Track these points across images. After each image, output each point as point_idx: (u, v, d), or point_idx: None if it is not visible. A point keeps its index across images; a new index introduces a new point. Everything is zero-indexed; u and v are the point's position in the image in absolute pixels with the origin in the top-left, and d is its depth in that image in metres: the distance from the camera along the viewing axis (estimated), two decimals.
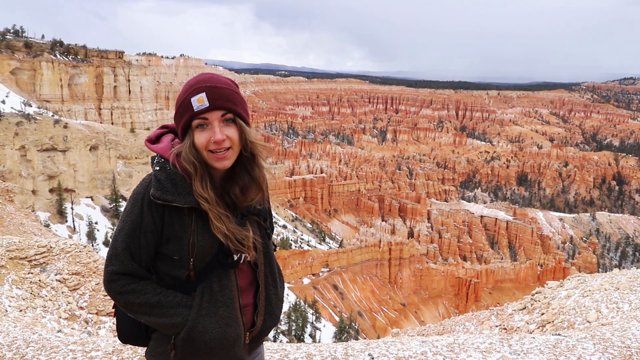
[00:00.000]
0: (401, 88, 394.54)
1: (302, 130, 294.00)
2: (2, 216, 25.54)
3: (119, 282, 2.55)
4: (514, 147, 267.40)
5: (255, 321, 2.77)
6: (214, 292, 2.61)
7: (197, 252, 2.56)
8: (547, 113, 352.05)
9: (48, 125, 68.62)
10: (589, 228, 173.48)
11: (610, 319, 8.18)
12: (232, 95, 2.60)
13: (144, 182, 2.63)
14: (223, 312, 2.60)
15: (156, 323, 2.57)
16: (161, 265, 2.66)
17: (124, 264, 2.55)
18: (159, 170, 2.60)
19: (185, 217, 2.57)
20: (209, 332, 2.55)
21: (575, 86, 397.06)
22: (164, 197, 2.53)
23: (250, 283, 2.79)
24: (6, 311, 8.15)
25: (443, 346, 5.78)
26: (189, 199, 2.54)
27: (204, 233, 2.58)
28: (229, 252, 2.64)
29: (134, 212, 2.56)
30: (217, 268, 2.64)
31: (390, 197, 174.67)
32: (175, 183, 2.56)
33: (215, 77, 2.62)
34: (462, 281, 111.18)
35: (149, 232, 2.55)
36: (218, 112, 2.54)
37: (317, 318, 76.67)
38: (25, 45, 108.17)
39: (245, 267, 2.75)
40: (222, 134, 2.54)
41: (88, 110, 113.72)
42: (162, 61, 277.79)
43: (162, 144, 2.73)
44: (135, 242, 2.55)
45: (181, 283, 2.64)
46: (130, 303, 2.55)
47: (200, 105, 2.52)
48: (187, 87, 2.59)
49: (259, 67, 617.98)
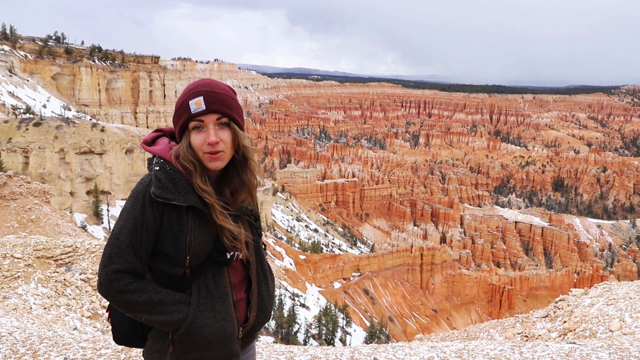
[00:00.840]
0: (434, 92, 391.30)
1: (334, 134, 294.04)
2: (39, 217, 26.22)
3: (122, 280, 2.59)
4: (549, 152, 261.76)
5: (249, 316, 2.87)
6: (209, 288, 2.71)
7: (193, 250, 2.67)
8: (585, 117, 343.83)
9: (86, 128, 70.25)
10: (628, 235, 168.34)
11: (634, 329, 7.94)
12: (228, 100, 2.74)
13: (143, 181, 2.73)
14: (219, 307, 2.71)
15: (157, 321, 2.64)
16: (157, 264, 2.75)
17: (127, 262, 2.61)
18: (158, 170, 2.70)
19: (182, 215, 2.67)
20: (207, 326, 2.65)
21: (615, 89, 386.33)
22: (164, 195, 2.62)
23: (242, 280, 2.89)
24: (30, 308, 8.42)
25: (452, 352, 5.71)
26: (188, 198, 2.65)
27: (201, 231, 2.69)
28: (223, 250, 2.75)
29: (136, 209, 2.65)
30: (211, 265, 2.74)
31: (422, 202, 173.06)
32: (175, 182, 2.66)
33: (213, 83, 2.77)
34: (496, 288, 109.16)
35: (150, 229, 2.64)
36: (214, 115, 2.69)
37: (347, 322, 76.22)
38: (65, 51, 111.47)
39: (237, 264, 2.86)
40: (217, 136, 2.67)
41: (124, 114, 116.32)
42: (196, 66, 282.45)
43: (159, 146, 2.84)
44: (138, 239, 2.63)
45: (176, 281, 2.73)
46: (132, 302, 2.60)
47: (198, 108, 2.66)
48: (187, 91, 2.74)
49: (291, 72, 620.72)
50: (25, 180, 27.70)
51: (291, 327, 61.54)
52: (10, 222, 23.74)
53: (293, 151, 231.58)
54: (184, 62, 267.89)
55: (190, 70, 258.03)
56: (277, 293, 67.71)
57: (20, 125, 65.31)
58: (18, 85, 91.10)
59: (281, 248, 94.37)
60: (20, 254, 9.83)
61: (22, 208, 25.18)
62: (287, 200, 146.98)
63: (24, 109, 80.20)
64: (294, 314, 63.09)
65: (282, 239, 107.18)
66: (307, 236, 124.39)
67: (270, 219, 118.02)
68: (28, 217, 24.86)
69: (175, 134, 2.88)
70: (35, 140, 63.79)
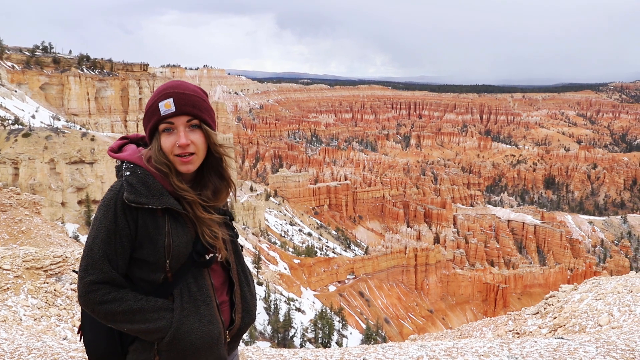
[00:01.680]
0: (424, 93, 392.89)
1: (326, 138, 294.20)
2: (30, 228, 26.01)
3: (99, 292, 2.52)
4: (540, 150, 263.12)
5: (234, 319, 2.82)
6: (192, 292, 2.65)
7: (172, 253, 2.61)
8: (574, 115, 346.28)
9: (76, 138, 69.96)
10: (620, 231, 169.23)
11: (622, 322, 8.02)
12: (198, 102, 2.70)
13: (113, 188, 2.65)
14: (204, 310, 2.65)
15: (140, 330, 2.55)
16: (136, 272, 2.66)
17: (103, 272, 2.53)
18: (129, 175, 2.63)
19: (159, 219, 2.61)
20: (194, 332, 2.58)
21: (603, 86, 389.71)
22: (137, 199, 2.55)
23: (222, 282, 2.84)
24: (20, 320, 8.37)
25: (441, 350, 5.75)
26: (163, 200, 2.60)
27: (179, 234, 2.64)
28: (202, 251, 2.70)
29: (108, 218, 2.56)
30: (192, 268, 2.69)
31: (415, 203, 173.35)
32: (147, 185, 2.60)
33: (184, 85, 2.73)
34: (490, 287, 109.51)
35: (125, 236, 2.57)
36: (184, 117, 2.64)
37: (343, 325, 76.19)
38: (53, 60, 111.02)
39: (217, 266, 2.81)
40: (187, 139, 2.63)
41: (114, 122, 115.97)
42: (186, 72, 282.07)
43: (127, 152, 2.78)
44: (112, 248, 2.55)
45: (157, 287, 2.66)
46: (112, 312, 2.51)
47: (167, 110, 2.62)
48: (157, 93, 2.70)
49: (281, 76, 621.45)
50: (15, 192, 27.53)
51: (287, 331, 61.46)
52: (1, 234, 23.55)
53: (285, 155, 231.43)
54: (173, 69, 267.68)
55: (179, 76, 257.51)
56: (273, 298, 67.60)
57: (9, 136, 64.91)
58: (6, 97, 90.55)
59: (275, 253, 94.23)
60: (9, 266, 9.78)
61: (12, 220, 24.99)
62: (280, 204, 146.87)
63: (12, 120, 79.68)
64: (289, 318, 63.02)
65: (275, 243, 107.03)
66: (300, 240, 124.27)
67: (264, 223, 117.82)
68: (18, 229, 24.67)
69: (140, 140, 2.85)
70: (25, 151, 63.41)
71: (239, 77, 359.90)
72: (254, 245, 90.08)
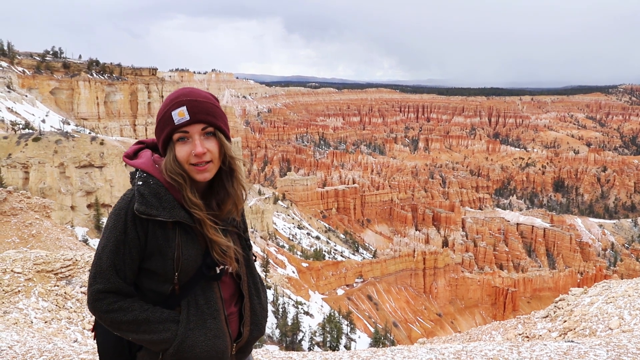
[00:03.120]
0: (432, 96, 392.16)
1: (334, 141, 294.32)
2: (40, 232, 26.19)
3: (105, 300, 2.53)
4: (549, 153, 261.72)
5: (242, 331, 2.79)
6: (199, 305, 2.63)
7: (182, 266, 2.58)
8: (583, 117, 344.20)
9: (85, 142, 70.40)
10: (630, 234, 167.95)
11: (633, 326, 7.96)
12: (212, 109, 2.65)
13: (125, 197, 2.64)
14: (210, 324, 2.62)
15: (144, 340, 2.55)
16: (145, 282, 2.66)
17: (110, 281, 2.53)
18: (142, 185, 2.59)
19: (169, 231, 2.58)
20: (198, 345, 2.56)
21: (612, 89, 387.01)
22: (148, 211, 2.52)
23: (232, 294, 2.81)
24: (31, 322, 8.45)
25: (450, 354, 5.73)
26: (174, 213, 2.56)
27: (189, 247, 2.61)
28: (212, 265, 2.67)
29: (118, 227, 2.55)
30: (201, 281, 2.66)
31: (423, 206, 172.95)
32: (159, 197, 2.56)
33: (196, 92, 2.68)
34: (499, 290, 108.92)
35: (134, 247, 2.55)
36: (199, 125, 2.60)
37: (351, 329, 75.98)
38: (63, 65, 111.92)
39: (227, 279, 2.78)
40: (203, 147, 2.58)
41: (123, 126, 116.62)
42: (194, 77, 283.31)
43: (142, 159, 2.74)
44: (120, 258, 2.54)
45: (165, 298, 2.65)
46: (118, 321, 2.52)
47: (181, 118, 2.57)
48: (168, 101, 2.64)
49: (289, 80, 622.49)
50: (25, 196, 27.73)
51: (295, 335, 61.38)
52: (11, 237, 23.74)
53: (293, 159, 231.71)
54: (181, 74, 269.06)
55: (188, 81, 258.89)
56: (281, 301, 67.55)
57: (19, 140, 65.45)
58: (17, 101, 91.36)
59: (283, 256, 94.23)
60: (21, 269, 9.87)
61: (22, 223, 25.18)
62: (288, 208, 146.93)
63: (23, 124, 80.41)
64: (297, 322, 62.96)
65: (284, 247, 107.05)
66: (309, 244, 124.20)
67: (272, 227, 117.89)
68: (29, 232, 24.86)
69: (156, 145, 2.78)
70: (35, 155, 63.90)
71: (247, 81, 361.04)
72: (262, 248, 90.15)
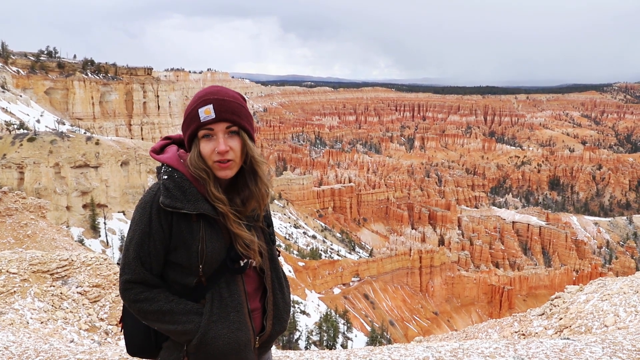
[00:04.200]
0: (428, 95, 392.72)
1: (330, 140, 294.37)
2: (35, 232, 26.11)
3: (132, 290, 2.63)
4: (544, 151, 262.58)
5: (265, 325, 2.83)
6: (223, 297, 2.68)
7: (206, 259, 2.64)
8: (579, 115, 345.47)
9: (80, 142, 70.21)
10: (625, 232, 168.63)
11: (628, 323, 8.01)
12: (238, 108, 2.72)
13: (151, 190, 2.71)
14: (233, 317, 2.67)
15: (169, 330, 2.64)
16: (170, 273, 2.73)
17: (136, 273, 2.63)
18: (167, 179, 2.68)
19: (193, 224, 2.65)
20: (221, 337, 2.62)
21: (607, 87, 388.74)
22: (173, 204, 2.60)
23: (256, 288, 2.86)
24: (27, 323, 8.43)
25: (447, 351, 5.75)
26: (198, 206, 2.63)
27: (213, 240, 2.67)
28: (236, 258, 2.72)
29: (143, 220, 2.65)
30: (225, 274, 2.71)
31: (419, 205, 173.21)
32: (183, 190, 2.64)
33: (223, 91, 2.75)
34: (495, 288, 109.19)
35: (158, 240, 2.63)
36: (223, 123, 2.67)
37: (348, 328, 76.14)
38: (58, 65, 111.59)
39: (251, 272, 2.83)
40: (226, 145, 2.65)
41: (119, 126, 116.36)
42: (189, 76, 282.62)
43: (168, 154, 2.82)
44: (145, 250, 2.64)
45: (191, 290, 2.71)
46: (144, 311, 2.62)
47: (207, 116, 2.64)
48: (196, 99, 2.72)
49: (285, 79, 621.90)
50: (20, 196, 27.64)
51: (292, 334, 61.46)
52: (6, 238, 23.66)
53: (289, 158, 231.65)
54: (177, 73, 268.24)
55: (183, 80, 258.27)
56: None
57: (14, 141, 65.24)
58: (11, 101, 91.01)
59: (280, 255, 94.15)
60: (16, 269, 9.84)
61: (17, 224, 25.10)
62: (285, 207, 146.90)
63: (17, 124, 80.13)
64: (294, 321, 63.04)
65: (280, 246, 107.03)
66: (305, 243, 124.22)
67: None
68: (24, 233, 24.77)
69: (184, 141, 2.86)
70: (30, 155, 63.68)
71: (242, 80, 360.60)
72: None
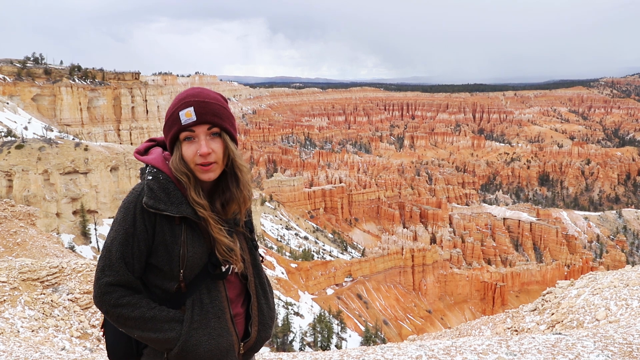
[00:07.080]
0: (416, 94, 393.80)
1: (319, 141, 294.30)
2: (25, 240, 25.91)
3: (114, 294, 2.54)
4: (533, 147, 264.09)
5: (250, 331, 2.79)
6: (204, 304, 2.63)
7: (187, 263, 2.59)
8: (566, 111, 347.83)
9: (69, 148, 69.65)
10: (615, 226, 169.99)
11: (619, 316, 8.06)
12: (219, 110, 2.68)
13: (134, 191, 2.66)
14: (214, 323, 2.62)
15: (149, 338, 2.56)
16: (151, 277, 2.67)
17: (119, 274, 2.55)
18: (151, 180, 2.63)
19: (175, 227, 2.60)
20: (202, 344, 2.57)
21: (594, 82, 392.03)
22: (156, 205, 2.56)
23: (238, 294, 2.81)
24: (18, 332, 8.33)
25: (440, 349, 5.76)
26: (181, 209, 2.59)
27: (195, 244, 2.62)
28: (218, 263, 2.68)
29: (127, 220, 2.58)
30: (206, 279, 2.66)
31: (410, 204, 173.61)
32: (168, 192, 2.60)
33: (204, 92, 2.70)
34: (488, 285, 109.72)
35: (142, 240, 2.58)
36: (205, 126, 2.63)
37: (342, 328, 76.09)
38: (45, 71, 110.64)
39: (233, 278, 2.78)
40: (208, 147, 2.61)
41: (107, 131, 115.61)
42: (177, 80, 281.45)
43: (152, 155, 2.78)
44: (129, 251, 2.57)
45: (171, 296, 2.66)
46: (124, 317, 2.54)
47: (188, 119, 2.60)
48: (177, 101, 2.68)
49: (273, 81, 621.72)
50: (9, 204, 27.42)
51: (286, 336, 61.34)
52: None
53: (279, 160, 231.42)
54: (165, 77, 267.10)
55: (171, 84, 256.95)
56: None
57: (2, 148, 64.58)
58: None
59: (272, 257, 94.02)
60: (6, 278, 9.73)
61: (7, 232, 24.89)
62: (276, 209, 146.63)
63: (5, 132, 79.37)
64: (288, 322, 62.90)
65: (272, 248, 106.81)
66: (297, 244, 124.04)
67: (260, 228, 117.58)
68: (14, 241, 24.57)
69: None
70: (18, 162, 63.07)
71: (231, 83, 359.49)
72: None
